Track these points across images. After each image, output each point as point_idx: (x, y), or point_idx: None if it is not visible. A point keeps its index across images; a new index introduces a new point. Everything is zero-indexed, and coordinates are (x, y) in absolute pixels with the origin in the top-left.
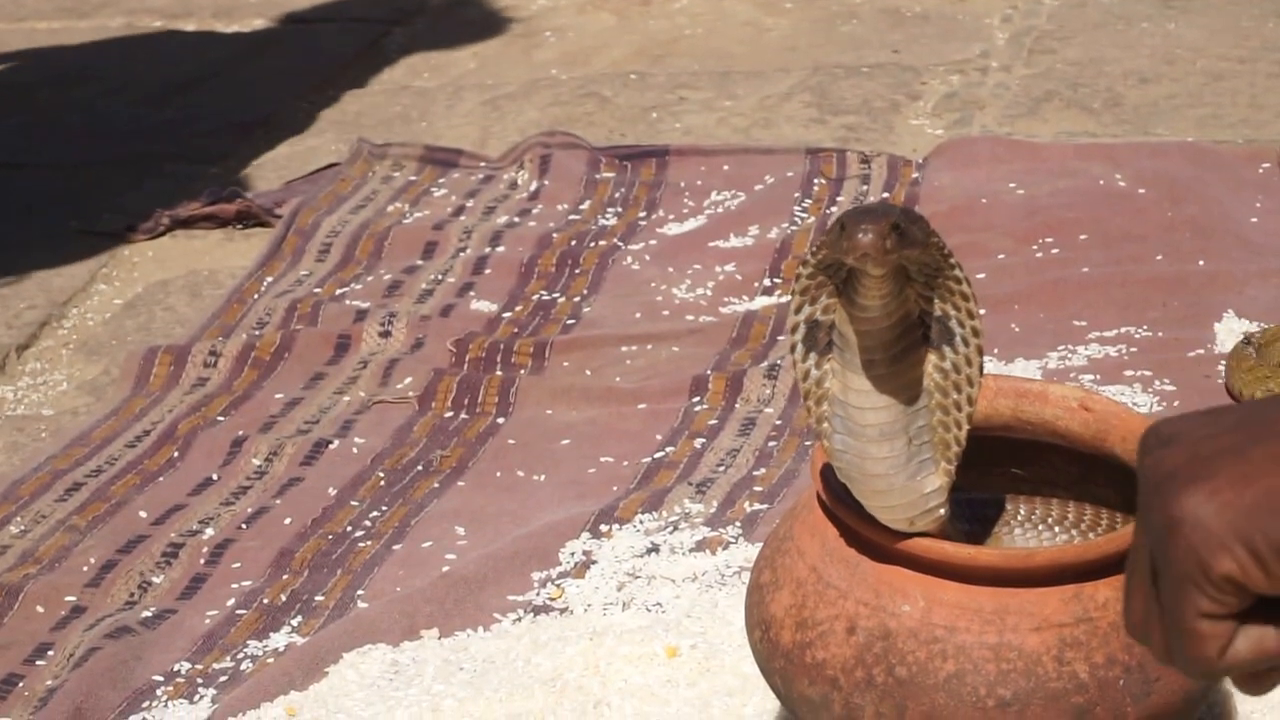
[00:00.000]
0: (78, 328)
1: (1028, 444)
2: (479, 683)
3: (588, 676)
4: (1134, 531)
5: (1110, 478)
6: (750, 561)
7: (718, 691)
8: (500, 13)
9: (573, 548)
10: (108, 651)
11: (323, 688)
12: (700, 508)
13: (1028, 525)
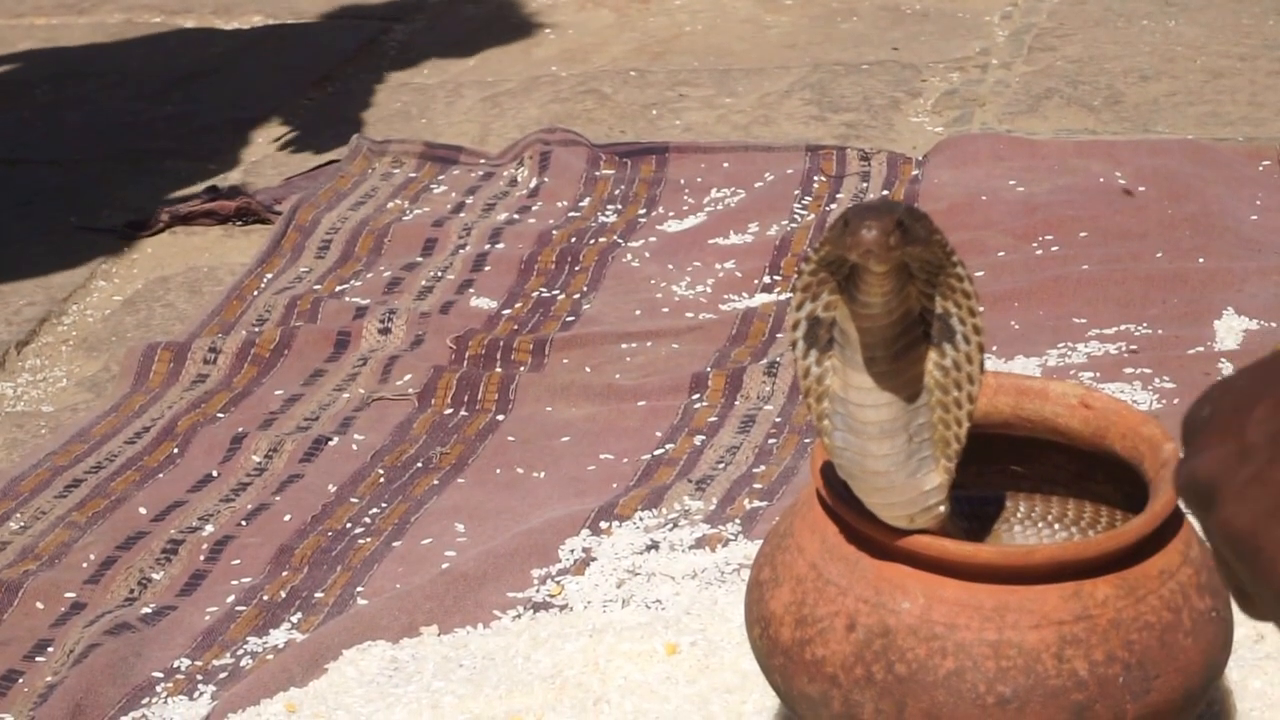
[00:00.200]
0: (77, 324)
1: (1027, 441)
2: (478, 679)
3: (587, 673)
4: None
5: (1110, 475)
6: (750, 559)
7: (717, 689)
8: (500, 9)
9: (572, 545)
10: (107, 648)
11: (322, 684)
12: (700, 505)
13: (1027, 522)
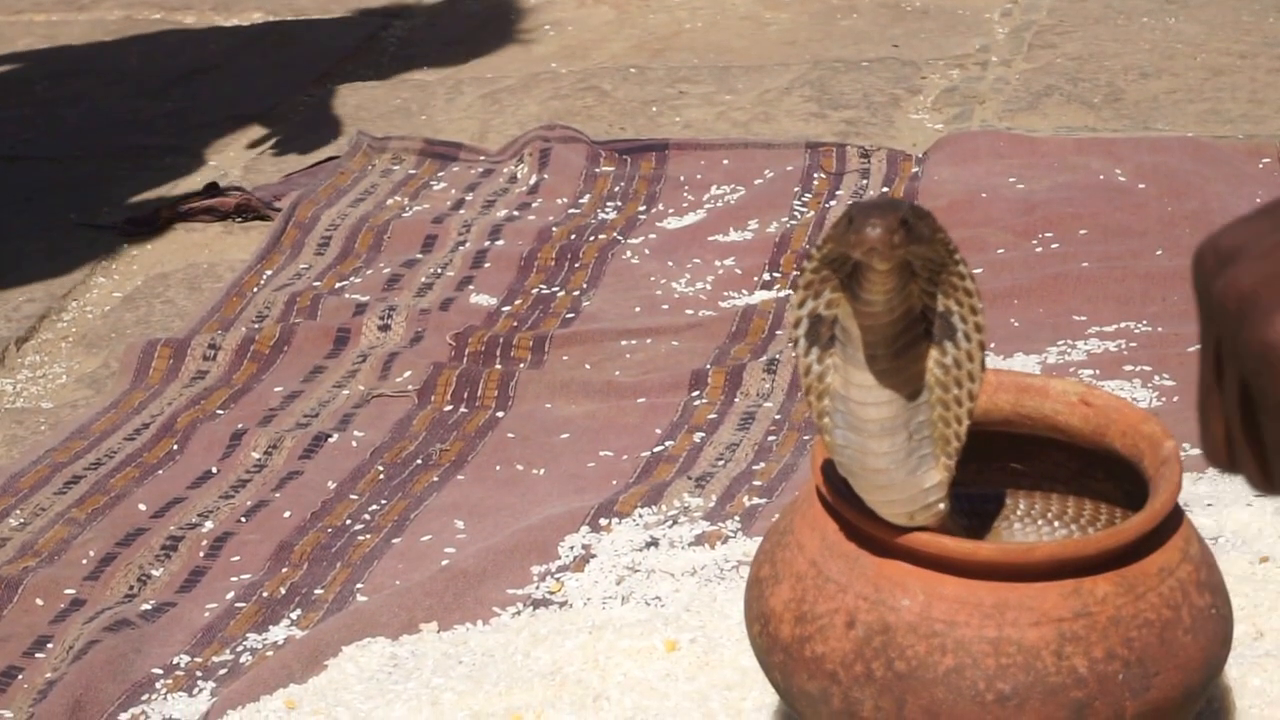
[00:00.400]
0: (77, 321)
1: (1028, 439)
2: (478, 676)
3: (587, 670)
4: (1201, 352)
5: (1110, 473)
6: (749, 555)
7: (716, 685)
8: (500, 6)
9: (572, 541)
10: (107, 644)
11: (322, 681)
12: (699, 502)
13: (1027, 520)
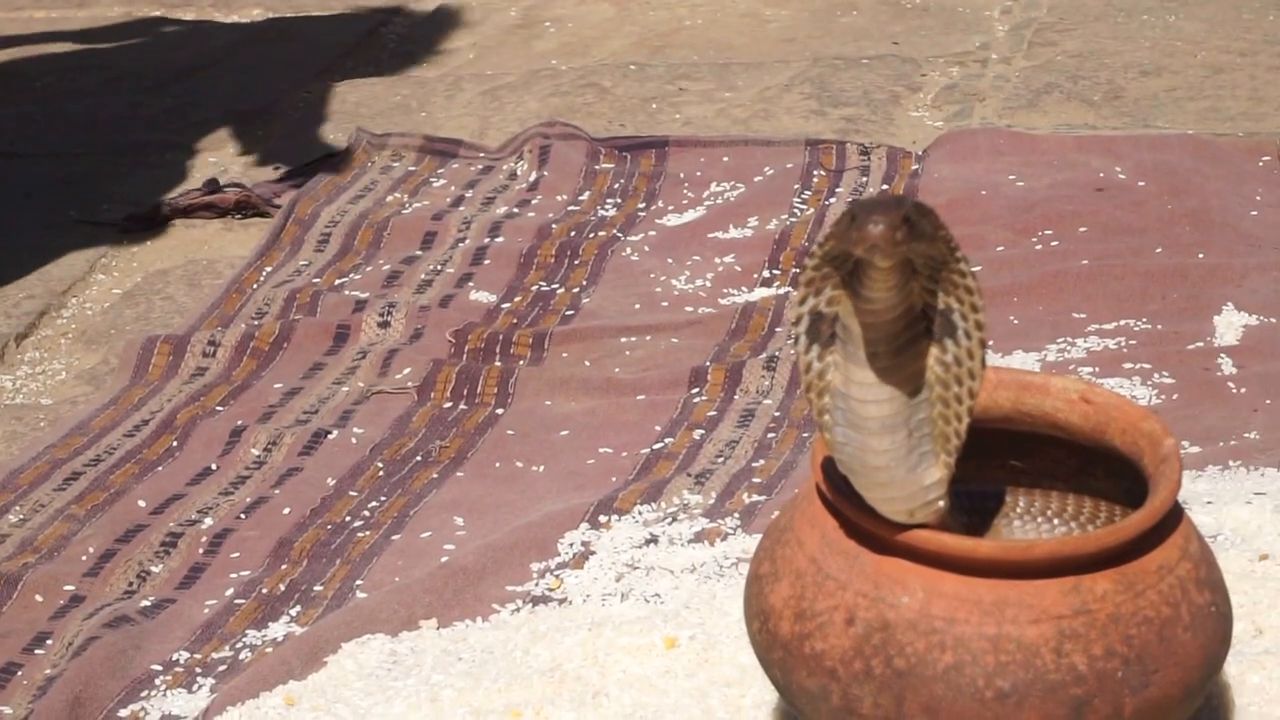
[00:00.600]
0: (76, 317)
1: (1028, 436)
2: (477, 673)
3: (586, 667)
4: None
5: (1109, 470)
6: (748, 553)
7: (716, 682)
8: (499, 3)
9: (571, 538)
10: (106, 641)
11: (321, 677)
12: (699, 499)
13: (1027, 517)
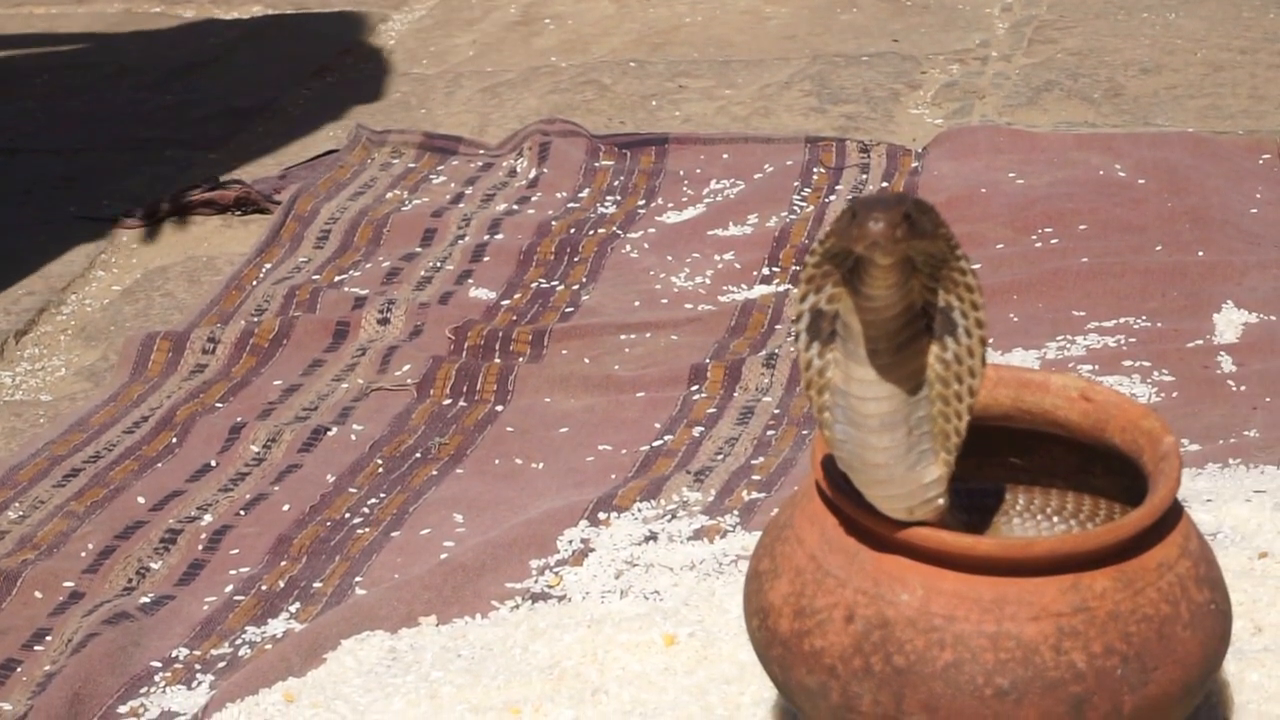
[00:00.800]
0: (76, 313)
1: (1027, 434)
2: (477, 670)
3: (585, 664)
4: None
5: (1109, 468)
6: (747, 550)
7: (715, 679)
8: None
9: (571, 536)
10: (106, 637)
11: (321, 674)
12: (698, 496)
13: (1026, 515)
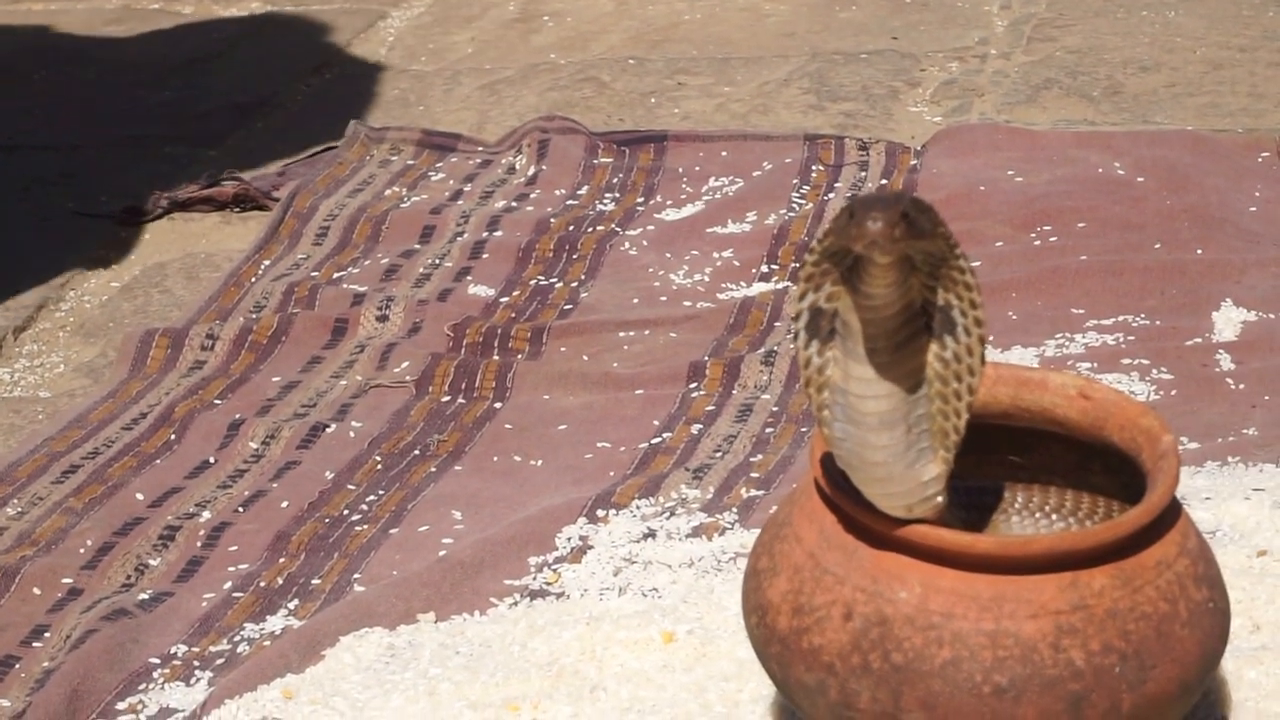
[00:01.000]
0: (75, 310)
1: (1026, 432)
2: (475, 667)
3: (584, 661)
4: None
5: (1108, 466)
6: (746, 547)
7: (714, 677)
8: None
9: (569, 533)
10: (104, 634)
11: (319, 671)
12: (697, 493)
13: (1025, 513)
